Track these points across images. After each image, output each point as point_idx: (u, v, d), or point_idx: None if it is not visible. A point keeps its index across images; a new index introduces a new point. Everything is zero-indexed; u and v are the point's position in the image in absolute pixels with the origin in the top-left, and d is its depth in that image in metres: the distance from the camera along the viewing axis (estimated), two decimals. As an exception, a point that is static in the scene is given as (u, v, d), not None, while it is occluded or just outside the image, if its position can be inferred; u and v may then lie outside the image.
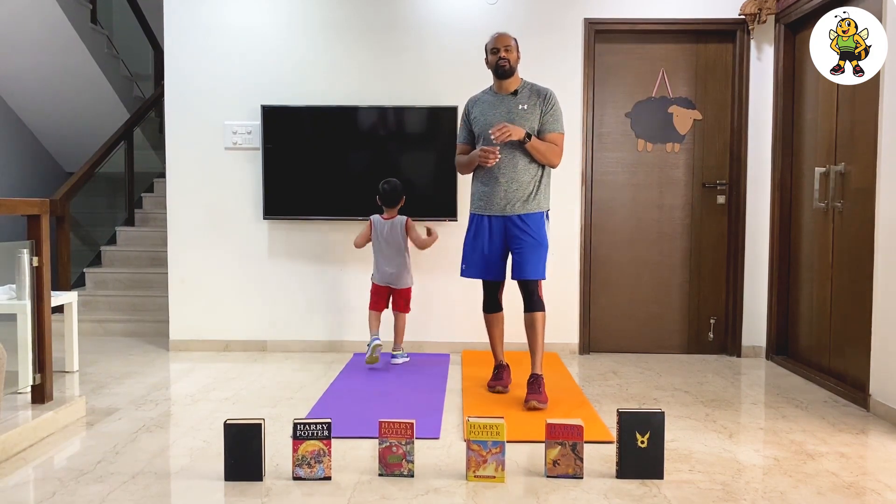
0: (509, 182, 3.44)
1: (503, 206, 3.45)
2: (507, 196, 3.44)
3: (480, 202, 3.52)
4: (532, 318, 3.43)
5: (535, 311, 3.43)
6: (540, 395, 3.32)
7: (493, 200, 3.46)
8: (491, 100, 3.54)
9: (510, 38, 3.49)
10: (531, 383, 3.38)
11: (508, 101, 3.49)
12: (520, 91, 3.51)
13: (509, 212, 3.45)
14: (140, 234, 5.86)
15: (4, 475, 2.51)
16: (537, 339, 3.42)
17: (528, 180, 3.45)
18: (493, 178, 3.45)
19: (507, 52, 3.46)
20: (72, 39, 5.74)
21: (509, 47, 3.46)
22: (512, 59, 3.47)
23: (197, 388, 3.69)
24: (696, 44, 4.52)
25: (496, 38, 3.50)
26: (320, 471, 2.46)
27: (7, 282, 3.54)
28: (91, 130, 6.38)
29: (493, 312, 3.64)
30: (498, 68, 3.47)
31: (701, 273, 4.58)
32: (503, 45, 3.46)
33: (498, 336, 3.66)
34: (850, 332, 3.63)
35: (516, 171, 3.43)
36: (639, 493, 2.38)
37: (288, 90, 4.51)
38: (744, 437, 2.97)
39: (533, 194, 3.46)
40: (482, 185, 3.51)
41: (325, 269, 4.59)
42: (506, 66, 3.46)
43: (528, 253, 3.41)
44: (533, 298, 3.43)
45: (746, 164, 4.44)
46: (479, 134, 3.54)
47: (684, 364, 4.31)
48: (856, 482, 2.49)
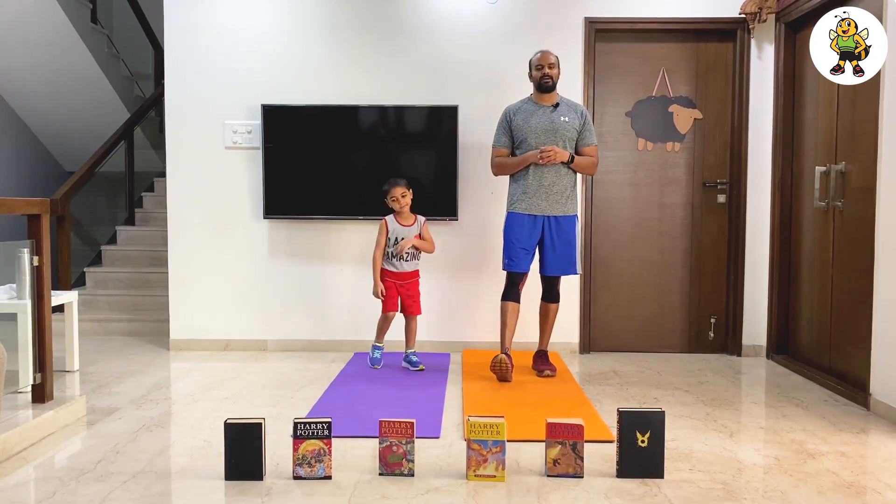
0: (551, 186, 3.79)
1: (544, 207, 3.80)
2: (549, 199, 3.80)
3: (522, 203, 3.82)
4: (548, 308, 3.99)
5: (553, 302, 3.97)
6: (549, 364, 3.92)
7: (535, 202, 3.80)
8: (533, 109, 3.84)
9: (553, 57, 3.83)
10: (540, 357, 3.96)
11: (550, 113, 3.81)
12: (560, 104, 3.84)
13: (549, 213, 3.81)
14: (140, 234, 5.86)
15: (5, 474, 2.51)
16: (549, 324, 4.01)
17: (567, 184, 3.84)
18: (537, 181, 3.79)
19: (551, 69, 3.79)
20: (72, 39, 5.74)
21: (552, 65, 3.80)
22: (554, 76, 3.81)
23: (197, 388, 3.69)
24: (696, 43, 4.52)
25: (541, 55, 3.82)
26: (321, 470, 2.46)
27: (7, 281, 3.54)
28: (91, 130, 6.38)
29: (511, 301, 3.86)
30: (542, 84, 3.81)
31: (701, 272, 4.58)
32: (548, 63, 3.79)
33: (510, 325, 3.85)
34: (850, 331, 3.63)
35: (559, 177, 3.80)
36: (639, 492, 2.38)
37: (288, 90, 4.51)
38: (744, 436, 2.97)
39: (570, 197, 3.85)
40: (524, 187, 3.82)
41: (325, 268, 4.59)
42: (549, 82, 3.80)
43: (566, 253, 3.83)
44: (554, 291, 3.96)
45: (747, 163, 4.44)
46: (521, 139, 3.84)
47: (685, 363, 4.31)
48: (856, 481, 2.49)
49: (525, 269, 3.86)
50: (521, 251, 3.81)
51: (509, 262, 3.85)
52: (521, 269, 3.84)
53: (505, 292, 3.88)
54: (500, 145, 3.92)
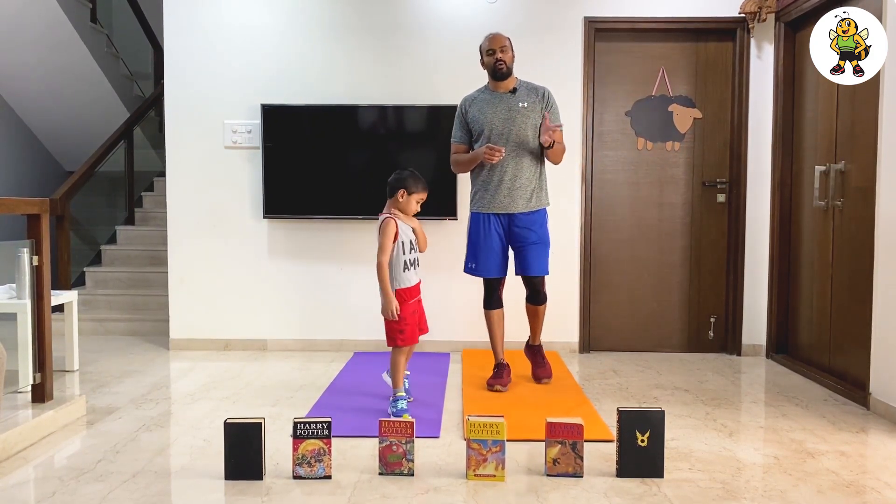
0: (513, 180, 3.49)
1: (507, 204, 3.51)
2: (512, 194, 3.50)
3: (483, 201, 3.55)
4: (536, 309, 3.66)
5: (540, 304, 3.64)
6: (545, 367, 3.70)
7: (497, 199, 3.51)
8: (489, 98, 3.56)
9: (504, 39, 3.53)
10: (534, 355, 3.73)
11: (508, 100, 3.53)
12: (518, 89, 3.55)
13: (513, 210, 3.51)
14: (140, 233, 5.86)
15: (5, 474, 2.51)
16: (539, 320, 3.69)
17: (531, 178, 3.52)
18: (497, 176, 3.50)
19: (503, 53, 3.49)
20: (72, 38, 5.74)
21: (504, 48, 3.50)
22: (508, 60, 3.51)
23: (197, 387, 3.69)
24: (696, 42, 4.51)
25: (490, 38, 3.53)
26: (320, 470, 2.46)
27: (7, 281, 3.54)
28: (91, 129, 6.38)
29: (495, 309, 3.65)
30: (496, 70, 3.51)
31: (701, 271, 4.58)
32: (499, 46, 3.49)
33: (499, 334, 3.67)
34: (850, 331, 3.63)
35: (520, 170, 3.50)
36: (639, 491, 2.38)
37: (288, 89, 4.51)
38: (744, 435, 2.97)
39: (535, 191, 3.54)
40: (485, 184, 3.54)
41: (325, 267, 4.59)
42: (503, 67, 3.50)
43: (535, 251, 3.51)
44: (539, 292, 3.60)
45: (746, 162, 4.44)
46: (478, 133, 3.56)
47: (684, 363, 4.31)
48: (856, 481, 2.49)
49: (493, 275, 3.55)
50: (485, 254, 3.53)
51: (473, 266, 3.57)
52: (488, 275, 3.55)
53: (485, 300, 3.64)
54: (456, 140, 3.66)
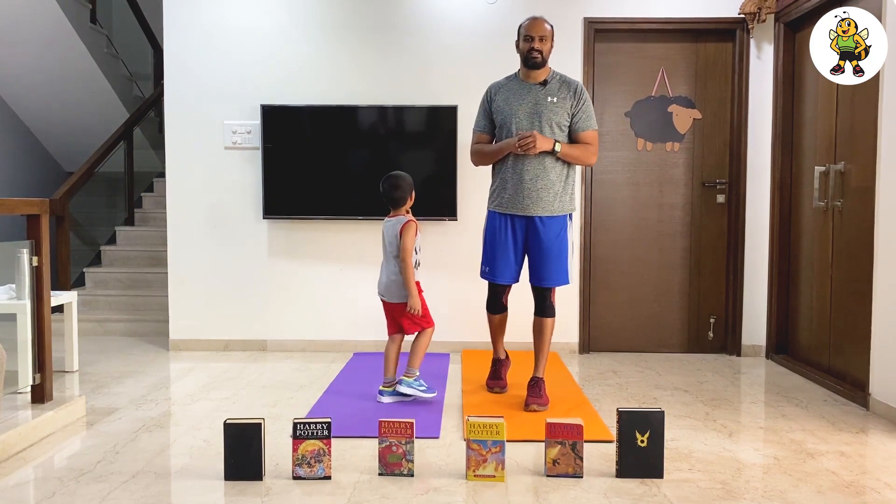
0: (534, 180, 3.20)
1: (527, 205, 3.23)
2: (532, 195, 3.21)
3: (500, 199, 3.30)
4: (542, 323, 3.34)
5: (547, 316, 3.33)
6: (540, 398, 3.26)
7: (517, 199, 3.24)
8: (516, 88, 3.29)
9: (546, 27, 3.21)
10: (532, 386, 3.32)
11: (536, 91, 3.24)
12: (549, 81, 3.26)
13: (532, 213, 3.24)
14: (140, 234, 5.86)
15: (4, 475, 2.51)
16: (544, 344, 3.34)
17: (555, 178, 3.23)
18: (517, 175, 3.22)
19: (542, 43, 3.20)
20: (71, 39, 5.74)
21: (544, 37, 3.20)
22: (545, 51, 3.22)
23: (197, 388, 3.69)
24: (695, 43, 4.52)
25: (532, 23, 3.22)
26: (320, 470, 2.46)
27: (7, 281, 3.54)
28: (91, 130, 6.38)
29: (498, 313, 3.50)
30: (528, 59, 3.22)
31: (701, 272, 4.58)
32: (538, 35, 3.19)
33: (499, 333, 3.60)
34: (849, 331, 3.63)
35: (543, 170, 3.20)
36: (639, 492, 2.38)
37: (287, 89, 4.51)
38: (744, 436, 2.97)
39: (559, 194, 3.25)
40: (503, 182, 3.28)
41: (324, 268, 4.59)
42: (538, 58, 3.21)
43: (552, 260, 3.24)
44: (546, 304, 3.32)
45: (746, 163, 4.44)
46: (501, 123, 3.29)
47: (684, 363, 4.31)
48: (856, 481, 2.49)
49: (505, 282, 3.34)
50: (499, 258, 3.30)
51: (487, 270, 3.36)
52: (501, 281, 3.33)
53: (488, 303, 3.47)
54: (479, 129, 3.40)
